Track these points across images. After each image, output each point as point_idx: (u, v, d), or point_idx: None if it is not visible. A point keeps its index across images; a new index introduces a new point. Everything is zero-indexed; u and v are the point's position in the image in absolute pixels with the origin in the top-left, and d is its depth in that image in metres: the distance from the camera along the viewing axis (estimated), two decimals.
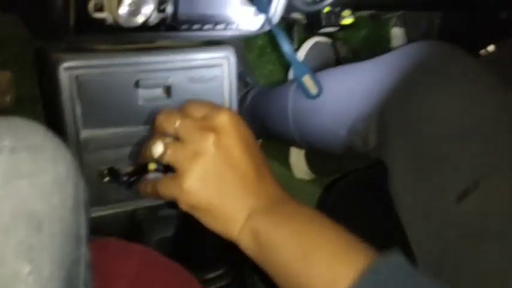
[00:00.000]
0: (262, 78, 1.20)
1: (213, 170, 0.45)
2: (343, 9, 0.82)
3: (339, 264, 0.39)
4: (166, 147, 0.48)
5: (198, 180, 0.45)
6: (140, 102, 0.65)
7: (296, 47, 1.12)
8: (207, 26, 0.60)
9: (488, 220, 0.50)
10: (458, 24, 1.09)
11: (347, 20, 0.82)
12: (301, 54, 1.09)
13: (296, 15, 0.89)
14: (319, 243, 0.42)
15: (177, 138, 0.48)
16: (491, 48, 0.83)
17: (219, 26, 0.60)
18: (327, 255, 0.40)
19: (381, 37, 1.25)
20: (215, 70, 0.69)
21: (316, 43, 1.10)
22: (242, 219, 0.45)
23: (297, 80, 0.63)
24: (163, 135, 0.50)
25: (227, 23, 0.61)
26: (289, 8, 0.71)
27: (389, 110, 0.64)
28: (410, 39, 1.21)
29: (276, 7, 0.63)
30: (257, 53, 1.18)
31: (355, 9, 0.84)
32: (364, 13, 1.10)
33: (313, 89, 0.59)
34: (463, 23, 1.06)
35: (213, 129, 0.47)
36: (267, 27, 0.64)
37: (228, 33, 0.62)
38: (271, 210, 0.45)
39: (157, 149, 0.49)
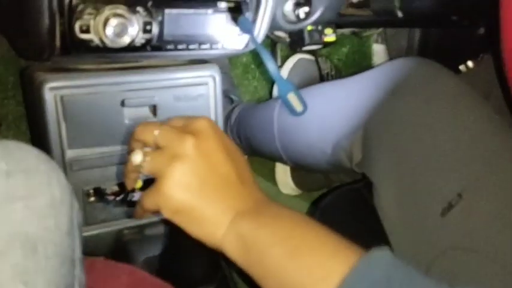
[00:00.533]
0: (247, 95, 1.21)
1: (193, 173, 0.44)
2: (325, 27, 0.84)
3: (329, 261, 0.39)
4: (145, 155, 0.47)
5: (178, 184, 0.44)
6: (126, 121, 0.66)
7: (280, 64, 1.13)
8: (192, 46, 0.61)
9: (473, 233, 0.51)
10: (437, 40, 1.11)
11: (329, 37, 0.83)
12: (285, 71, 1.10)
13: (279, 34, 0.91)
14: (307, 242, 0.41)
15: (156, 148, 0.48)
16: (470, 64, 0.85)
17: (204, 46, 0.61)
18: (316, 253, 0.40)
19: (363, 53, 1.27)
20: (200, 88, 0.70)
21: (300, 60, 1.11)
22: (226, 222, 0.44)
23: (282, 98, 0.64)
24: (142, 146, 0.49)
25: (212, 42, 0.62)
26: (272, 26, 0.72)
27: (372, 126, 0.66)
28: (391, 55, 1.23)
29: (260, 27, 0.64)
30: (242, 70, 1.19)
31: (337, 27, 0.86)
32: (346, 30, 1.12)
33: (298, 107, 0.60)
34: (443, 38, 1.09)
35: (191, 132, 0.46)
36: (251, 46, 0.65)
37: (213, 52, 0.63)
38: (256, 212, 0.44)
39: (136, 158, 0.48)
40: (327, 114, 0.76)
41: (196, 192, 0.44)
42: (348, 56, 1.26)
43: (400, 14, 0.73)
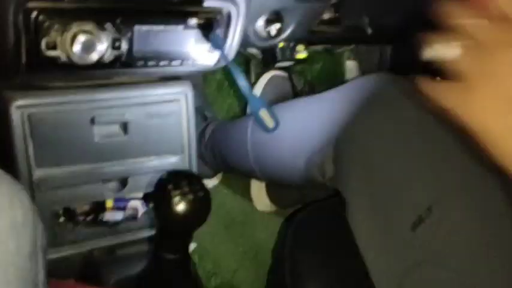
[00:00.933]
0: (221, 112, 1.20)
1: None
2: (297, 44, 0.84)
3: None
4: (464, 50, 0.38)
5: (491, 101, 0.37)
6: (96, 139, 0.64)
7: (253, 81, 1.14)
8: (162, 62, 0.60)
9: (442, 248, 0.51)
10: (408, 55, 1.13)
11: (301, 54, 0.84)
12: (259, 88, 1.11)
13: (252, 50, 0.91)
14: None
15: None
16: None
17: (174, 62, 0.61)
18: None
19: (336, 70, 1.28)
20: (172, 105, 0.69)
21: (273, 77, 1.12)
22: None
23: (254, 115, 0.64)
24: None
25: (183, 59, 0.61)
26: (244, 43, 0.72)
27: (344, 142, 0.66)
28: (363, 70, 1.25)
29: (231, 43, 0.64)
30: (215, 87, 1.19)
31: (308, 43, 0.87)
32: (319, 47, 1.14)
33: (270, 123, 0.60)
34: (414, 54, 1.11)
35: None
36: (223, 63, 0.65)
37: (184, 69, 0.63)
38: None
39: (452, 51, 0.39)
40: (299, 129, 0.76)
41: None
42: (321, 72, 1.28)
43: (370, 30, 0.74)
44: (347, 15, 0.77)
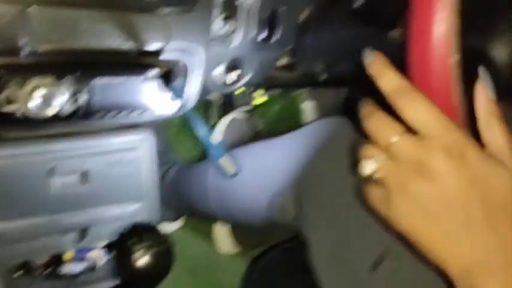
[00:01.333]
0: (183, 154, 1.21)
1: (437, 198, 0.41)
2: (255, 89, 0.87)
3: None
4: (378, 165, 0.44)
5: (414, 206, 0.43)
6: (55, 190, 0.63)
7: (214, 123, 1.15)
8: (122, 113, 0.61)
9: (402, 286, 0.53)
10: (364, 96, 1.18)
11: (259, 99, 0.86)
12: (219, 131, 1.12)
13: (212, 96, 0.93)
14: None
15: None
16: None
17: (134, 113, 0.62)
18: None
19: (293, 111, 1.32)
20: (133, 153, 0.69)
21: (233, 120, 1.14)
22: (460, 268, 0.41)
23: (213, 163, 0.64)
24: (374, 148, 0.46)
25: (143, 109, 0.62)
26: (204, 90, 0.74)
27: (303, 184, 0.68)
28: (320, 111, 1.29)
29: (191, 92, 0.65)
30: (177, 129, 1.20)
31: (266, 88, 0.89)
32: (277, 89, 1.17)
33: (230, 170, 0.61)
34: (370, 94, 1.15)
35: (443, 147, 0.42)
36: (182, 111, 0.66)
37: (144, 118, 0.64)
38: (503, 276, 0.39)
39: (367, 167, 0.46)
40: (259, 173, 0.77)
41: (426, 223, 0.42)
42: (279, 114, 1.31)
43: (324, 76, 0.77)
44: (301, 61, 0.80)
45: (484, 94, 0.47)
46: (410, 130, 0.45)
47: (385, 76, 0.46)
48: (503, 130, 0.45)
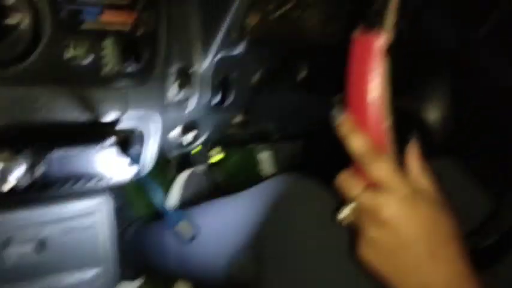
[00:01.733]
0: (142, 211, 1.20)
1: (384, 242, 0.51)
2: (212, 147, 0.89)
3: None
4: (352, 211, 0.54)
5: (371, 247, 0.53)
6: (11, 259, 0.63)
7: (172, 179, 1.16)
8: (79, 183, 0.62)
9: None
10: (320, 149, 1.22)
11: (216, 156, 0.89)
12: (177, 188, 1.13)
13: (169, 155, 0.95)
14: None
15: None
16: None
17: (91, 181, 0.63)
18: None
19: (251, 163, 1.35)
20: (90, 218, 0.69)
21: (191, 174, 1.15)
22: None
23: (171, 229, 0.65)
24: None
25: (100, 177, 0.63)
26: (161, 152, 0.76)
27: (262, 243, 0.69)
28: (278, 161, 1.33)
29: (148, 157, 0.67)
30: (135, 186, 1.20)
31: (223, 145, 0.92)
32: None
33: (187, 234, 0.62)
34: (326, 147, 1.19)
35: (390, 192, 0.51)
36: (139, 176, 0.67)
37: (101, 185, 0.65)
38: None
39: (342, 214, 0.56)
40: (219, 231, 0.79)
41: (385, 262, 0.52)
42: (237, 166, 1.33)
43: (276, 136, 0.81)
44: (253, 120, 0.84)
45: (415, 154, 0.57)
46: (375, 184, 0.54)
47: (353, 138, 0.54)
48: (430, 182, 0.56)
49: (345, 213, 0.56)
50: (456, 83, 0.67)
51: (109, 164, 0.64)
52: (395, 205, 0.51)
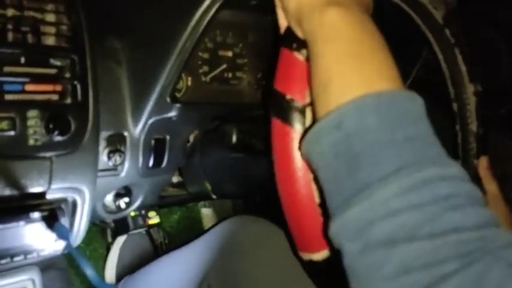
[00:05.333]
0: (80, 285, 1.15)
1: None
2: (148, 210, 0.88)
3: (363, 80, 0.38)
4: None
5: None
6: None
7: (110, 241, 1.12)
8: (3, 261, 0.58)
9: None
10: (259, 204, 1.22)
11: (154, 220, 0.87)
12: (115, 252, 1.09)
13: (106, 219, 0.92)
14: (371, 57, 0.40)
15: None
16: None
17: (16, 258, 0.59)
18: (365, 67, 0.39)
19: (193, 218, 1.33)
20: None
21: (129, 236, 1.12)
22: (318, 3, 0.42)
23: None
24: None
25: (26, 252, 0.60)
26: (94, 217, 0.73)
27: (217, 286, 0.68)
28: (219, 216, 1.32)
29: (78, 229, 0.65)
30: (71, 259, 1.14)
31: (160, 207, 0.91)
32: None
33: None
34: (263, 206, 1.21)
35: None
36: (70, 248, 0.64)
37: (29, 261, 0.61)
38: (350, 9, 0.42)
39: None
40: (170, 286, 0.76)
41: None
42: (179, 222, 1.31)
43: (213, 196, 0.81)
44: (189, 181, 0.84)
45: None
46: None
47: None
48: None
49: None
50: None
51: (37, 239, 0.61)
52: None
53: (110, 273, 1.09)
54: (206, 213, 1.33)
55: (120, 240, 1.10)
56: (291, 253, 0.68)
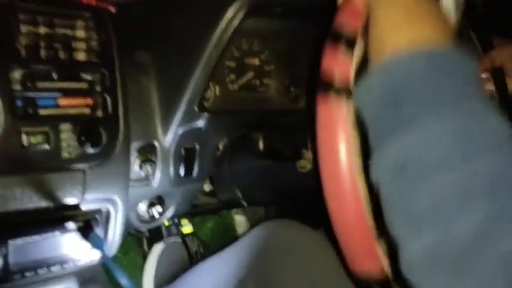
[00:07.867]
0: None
1: None
2: (181, 218, 0.89)
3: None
4: None
5: None
6: None
7: (147, 250, 1.14)
8: (41, 271, 0.60)
9: None
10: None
11: (186, 228, 0.88)
12: (152, 261, 1.10)
13: (141, 228, 0.93)
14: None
15: None
16: None
17: (53, 268, 0.61)
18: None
19: (227, 226, 1.33)
20: None
21: (166, 245, 1.13)
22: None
23: None
24: None
25: (63, 262, 0.62)
26: (128, 227, 0.74)
27: None
28: (252, 223, 1.32)
29: (112, 239, 0.66)
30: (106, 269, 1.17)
31: (192, 215, 0.91)
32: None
33: None
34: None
35: None
36: (106, 258, 0.66)
37: (65, 271, 0.63)
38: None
39: None
40: None
41: None
42: (213, 230, 1.32)
43: (244, 203, 0.81)
44: (220, 189, 0.84)
45: None
46: None
47: None
48: None
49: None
50: None
51: (72, 249, 0.63)
52: None
53: (148, 283, 1.11)
54: (239, 220, 1.33)
55: (157, 249, 1.12)
56: (326, 255, 0.67)
